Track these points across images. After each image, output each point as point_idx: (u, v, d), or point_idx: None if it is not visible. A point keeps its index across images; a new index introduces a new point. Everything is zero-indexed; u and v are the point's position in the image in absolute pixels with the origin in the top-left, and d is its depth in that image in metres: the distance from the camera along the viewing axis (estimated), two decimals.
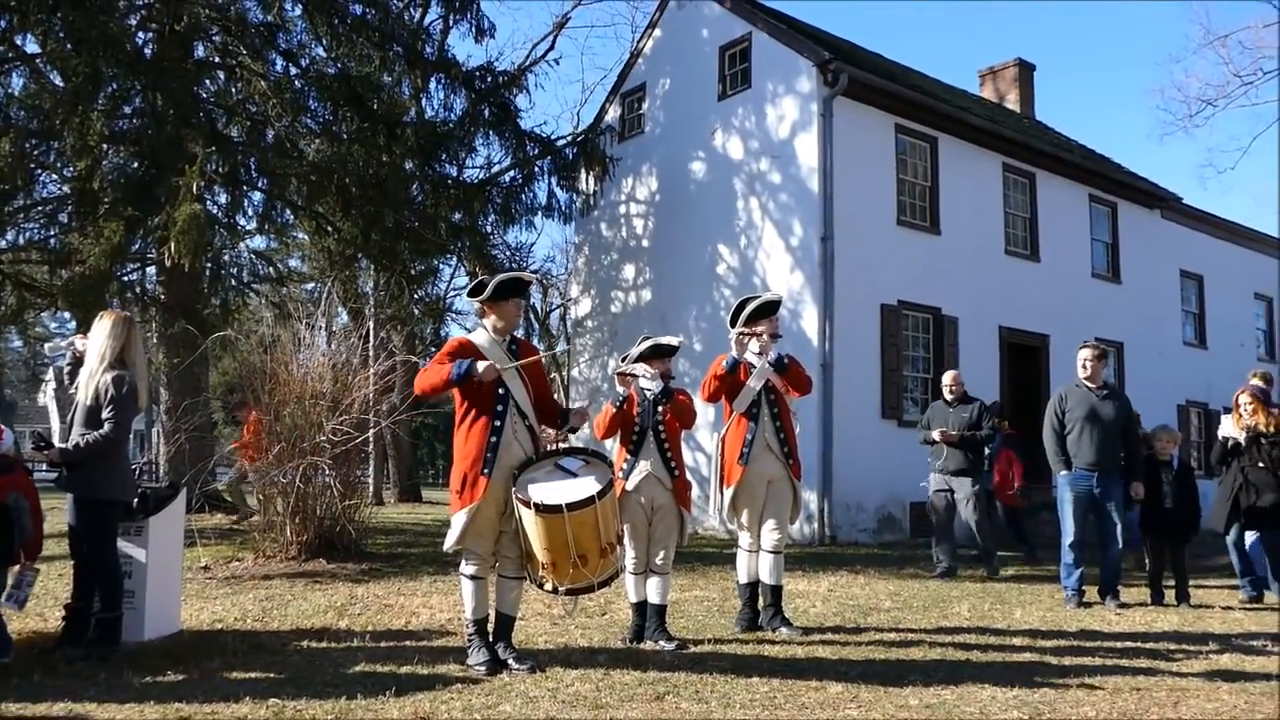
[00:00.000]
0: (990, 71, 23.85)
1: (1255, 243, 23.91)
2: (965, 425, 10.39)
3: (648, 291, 18.31)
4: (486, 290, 5.60)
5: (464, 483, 5.50)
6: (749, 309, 6.88)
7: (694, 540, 14.28)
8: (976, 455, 10.48)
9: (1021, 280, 17.64)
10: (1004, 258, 17.62)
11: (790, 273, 15.49)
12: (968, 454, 10.38)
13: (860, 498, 14.44)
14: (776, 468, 6.85)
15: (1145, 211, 20.60)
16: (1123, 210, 19.99)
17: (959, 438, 10.33)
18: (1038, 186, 18.31)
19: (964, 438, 10.35)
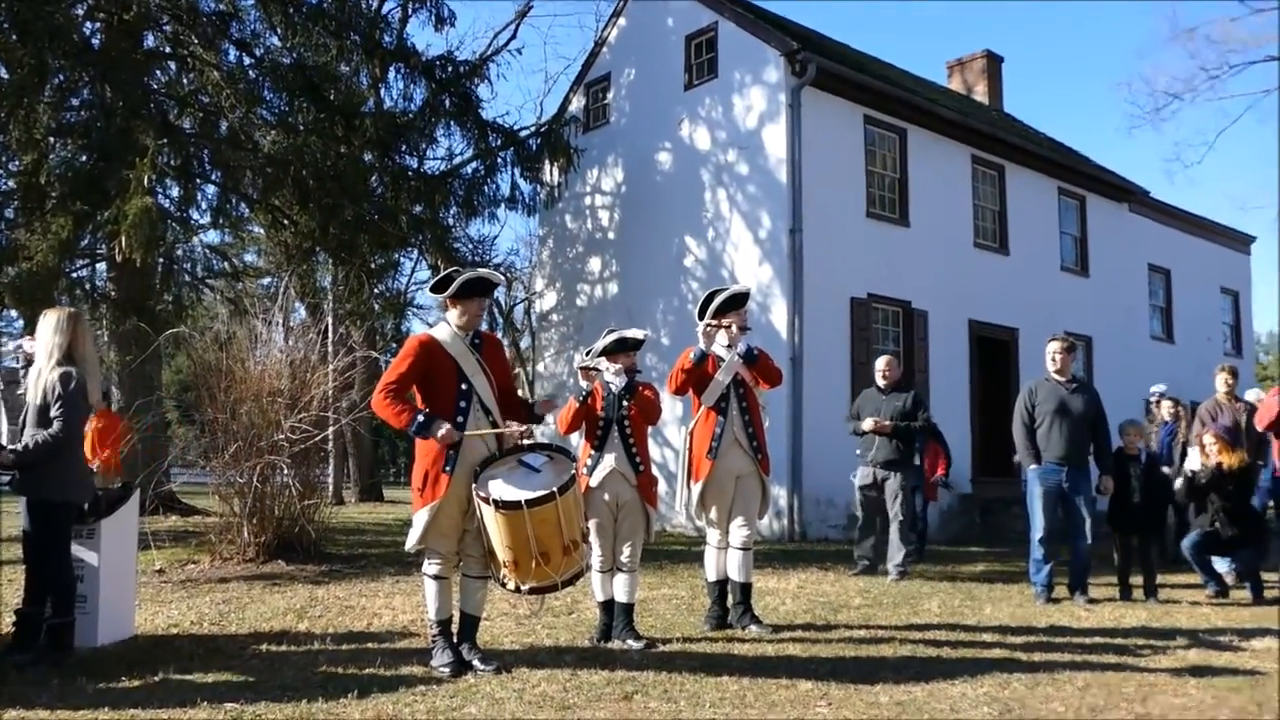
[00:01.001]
0: (959, 63, 24.03)
1: (1222, 237, 24.29)
2: (899, 414, 10.08)
3: (614, 285, 18.32)
4: (451, 288, 5.59)
5: (425, 480, 5.49)
6: (717, 301, 6.90)
7: (661, 537, 14.30)
8: (908, 447, 10.21)
9: (991, 273, 17.81)
10: (973, 251, 17.77)
11: (759, 265, 15.55)
12: (899, 445, 10.05)
13: (830, 494, 14.52)
14: (745, 463, 6.87)
15: (1114, 205, 20.85)
16: (1091, 203, 20.22)
17: (892, 428, 10.04)
18: (1007, 179, 18.48)
19: (897, 428, 10.01)
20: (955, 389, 16.95)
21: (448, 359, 5.59)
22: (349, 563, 10.38)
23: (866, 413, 10.25)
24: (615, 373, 6.39)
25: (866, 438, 10.20)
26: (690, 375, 6.86)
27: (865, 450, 10.22)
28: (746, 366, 6.92)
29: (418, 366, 5.53)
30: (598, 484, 6.35)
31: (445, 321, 5.75)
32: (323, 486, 11.69)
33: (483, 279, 5.66)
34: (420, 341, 5.64)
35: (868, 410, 10.27)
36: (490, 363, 5.71)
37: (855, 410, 10.49)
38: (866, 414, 10.23)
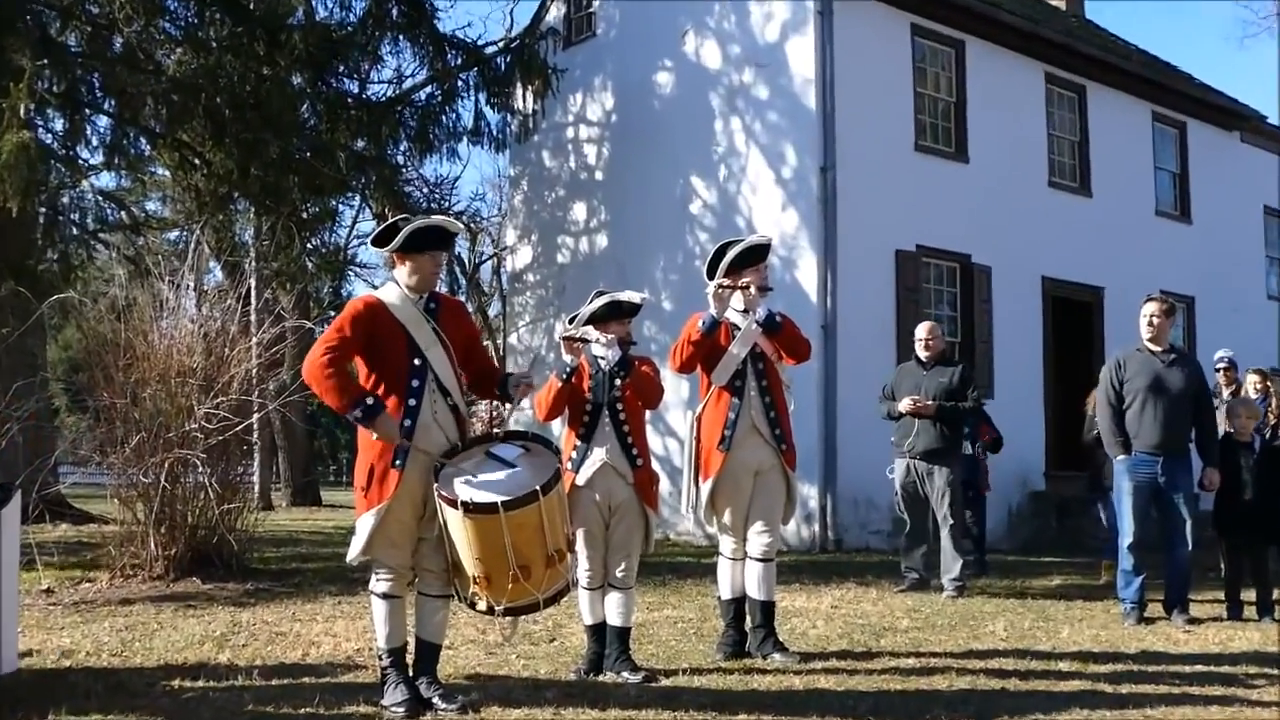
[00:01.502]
0: None
1: None
2: (943, 393, 10.11)
3: (602, 236, 18.31)
4: (395, 240, 5.60)
5: (371, 478, 5.51)
6: (730, 256, 6.89)
7: (663, 547, 14.35)
8: (955, 433, 10.26)
9: (1069, 220, 17.81)
10: (1047, 192, 17.77)
11: (782, 211, 15.53)
12: (944, 431, 10.14)
13: (871, 492, 14.56)
14: (766, 455, 6.90)
15: (1221, 134, 20.83)
16: (1193, 132, 20.21)
17: (935, 409, 10.11)
18: (1089, 102, 18.45)
19: (942, 409, 10.07)
20: (1025, 362, 16.99)
21: (396, 327, 5.59)
22: (280, 580, 10.40)
23: (904, 391, 10.28)
24: (606, 344, 6.40)
25: (904, 422, 10.24)
26: (698, 348, 6.86)
27: (903, 437, 10.27)
28: (767, 336, 6.93)
29: (359, 331, 5.54)
30: (586, 482, 6.37)
31: (394, 282, 5.75)
32: (246, 487, 11.72)
33: (436, 228, 5.66)
34: (365, 303, 5.64)
35: (906, 388, 10.30)
36: (450, 331, 5.72)
37: (890, 388, 10.53)
38: (904, 392, 10.26)
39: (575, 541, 6.17)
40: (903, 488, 10.33)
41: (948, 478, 10.09)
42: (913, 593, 10.05)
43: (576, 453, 6.42)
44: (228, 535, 10.26)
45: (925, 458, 10.14)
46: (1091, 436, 11.27)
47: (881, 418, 10.60)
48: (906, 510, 10.37)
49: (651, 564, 11.22)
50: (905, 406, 10.09)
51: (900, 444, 10.29)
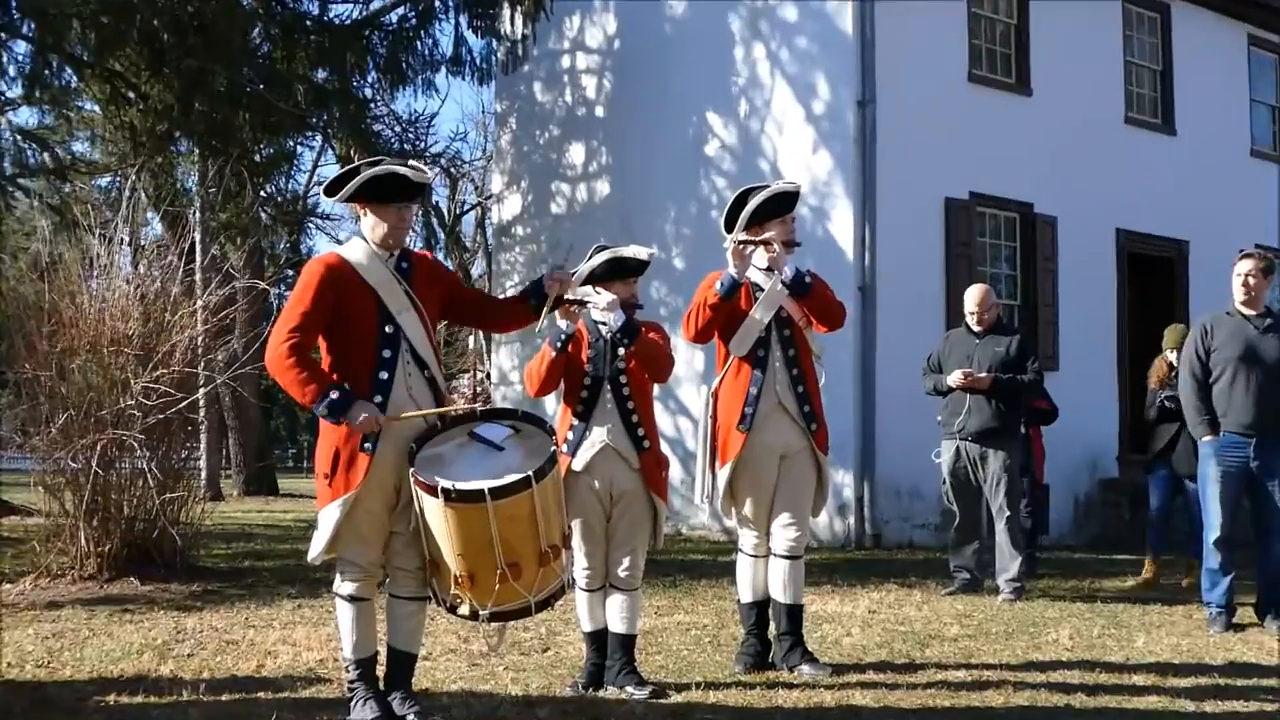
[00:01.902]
0: None
1: None
2: (999, 365, 10.11)
3: (603, 183, 18.28)
4: (346, 189, 5.59)
5: (336, 463, 5.54)
6: (752, 205, 6.89)
7: (674, 543, 14.39)
8: (1012, 411, 10.25)
9: (1150, 162, 17.75)
10: (1124, 130, 17.69)
11: (813, 153, 15.49)
12: (1000, 408, 10.14)
13: (915, 480, 14.58)
14: (793, 436, 6.92)
15: None
16: None
17: (991, 382, 10.08)
18: (1173, 23, 18.35)
19: (998, 383, 10.09)
20: (1095, 329, 16.96)
21: (364, 290, 5.61)
22: (230, 580, 10.45)
23: (953, 363, 10.29)
24: (608, 308, 6.41)
25: (953, 399, 10.26)
26: (715, 312, 6.86)
27: (951, 416, 10.29)
28: (794, 299, 6.93)
29: (324, 301, 5.54)
30: (584, 467, 6.39)
31: (360, 237, 5.76)
32: (191, 474, 11.73)
33: (398, 176, 5.64)
34: (325, 265, 5.65)
35: (955, 359, 10.31)
36: (424, 293, 5.74)
37: (936, 359, 10.54)
38: (953, 364, 10.27)
39: (572, 536, 6.20)
40: (952, 474, 10.35)
41: (1004, 462, 10.10)
42: (963, 595, 10.08)
43: (573, 433, 6.44)
44: (170, 529, 10.29)
45: (978, 439, 10.15)
46: (1156, 413, 11.30)
47: (927, 393, 10.61)
48: (956, 500, 10.40)
49: (660, 562, 11.25)
50: (955, 380, 10.09)
51: (949, 424, 10.31)
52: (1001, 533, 10.13)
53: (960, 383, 10.07)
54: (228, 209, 16.56)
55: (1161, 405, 11.17)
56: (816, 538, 13.81)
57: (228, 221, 16.76)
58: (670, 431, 15.40)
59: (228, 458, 28.09)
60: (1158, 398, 11.29)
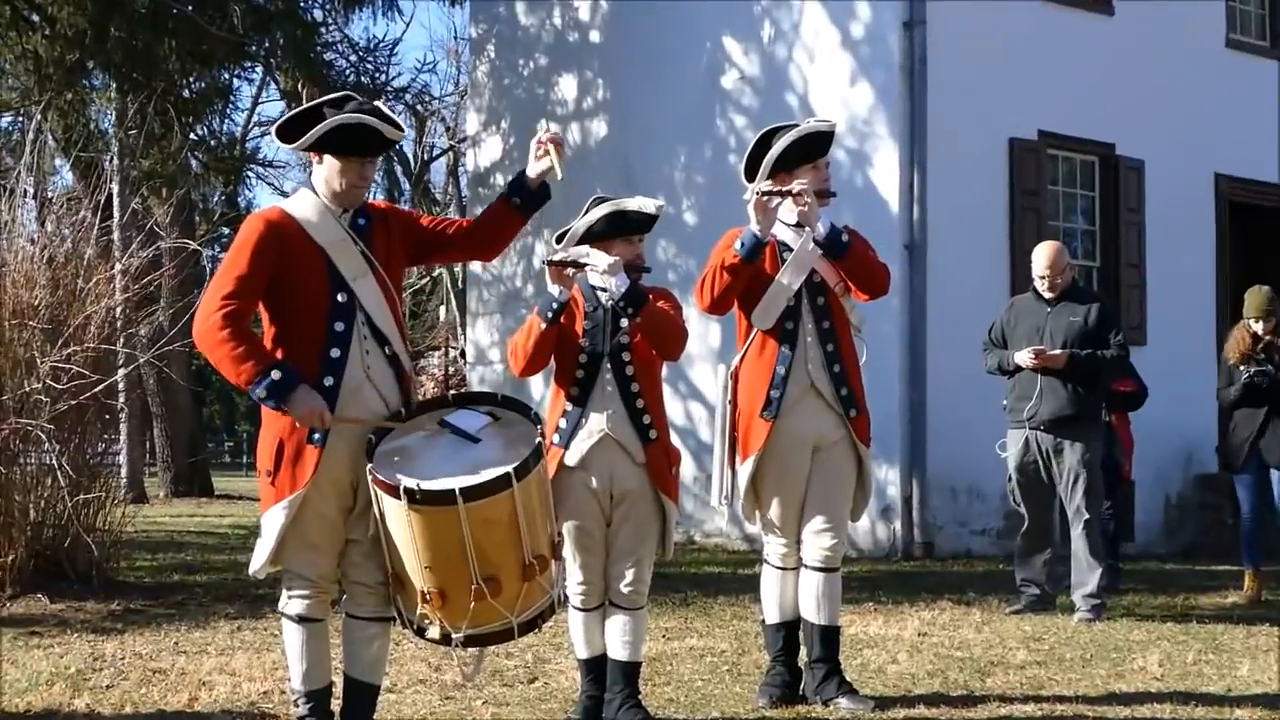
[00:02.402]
0: None
1: None
2: (1076, 338, 10.08)
3: (600, 122, 18.24)
4: (306, 137, 5.56)
5: (280, 458, 5.54)
6: (779, 148, 6.88)
7: (686, 552, 14.41)
8: (1093, 394, 10.23)
9: (1256, 94, 17.68)
10: (1225, 55, 17.60)
11: (850, 85, 15.44)
12: (1078, 392, 10.11)
13: (974, 477, 14.59)
14: (829, 424, 6.94)
15: None
16: None
17: (1066, 360, 10.06)
18: None
19: (1075, 361, 10.04)
20: (1191, 292, 16.90)
21: (312, 252, 5.61)
22: (157, 597, 10.46)
23: (1021, 336, 10.28)
24: (608, 271, 6.39)
25: (1021, 380, 10.23)
26: (735, 277, 6.86)
27: (1019, 401, 10.26)
28: (829, 260, 6.93)
29: (265, 263, 5.54)
30: (579, 462, 6.39)
31: (308, 189, 5.76)
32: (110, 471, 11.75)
33: (367, 126, 5.60)
34: (266, 221, 5.63)
35: (1023, 332, 10.30)
36: (386, 252, 5.76)
37: (999, 332, 10.52)
38: (1021, 338, 10.27)
39: (563, 544, 6.20)
40: (1019, 470, 10.33)
41: (1082, 456, 10.09)
42: (1031, 614, 10.08)
43: (566, 421, 6.45)
44: (85, 537, 10.29)
45: (1051, 428, 10.12)
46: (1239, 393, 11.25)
47: (988, 372, 10.61)
48: (1024, 501, 10.39)
49: (670, 575, 11.26)
50: (1025, 358, 10.06)
51: (1016, 410, 10.28)
52: (1078, 539, 10.11)
53: (1029, 361, 10.03)
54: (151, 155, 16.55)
55: (1248, 383, 11.11)
56: (856, 546, 13.82)
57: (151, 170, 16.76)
58: (681, 419, 15.40)
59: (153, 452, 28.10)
60: (1240, 375, 11.23)
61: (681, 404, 15.72)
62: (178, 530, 17.00)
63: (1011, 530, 11.92)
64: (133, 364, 11.48)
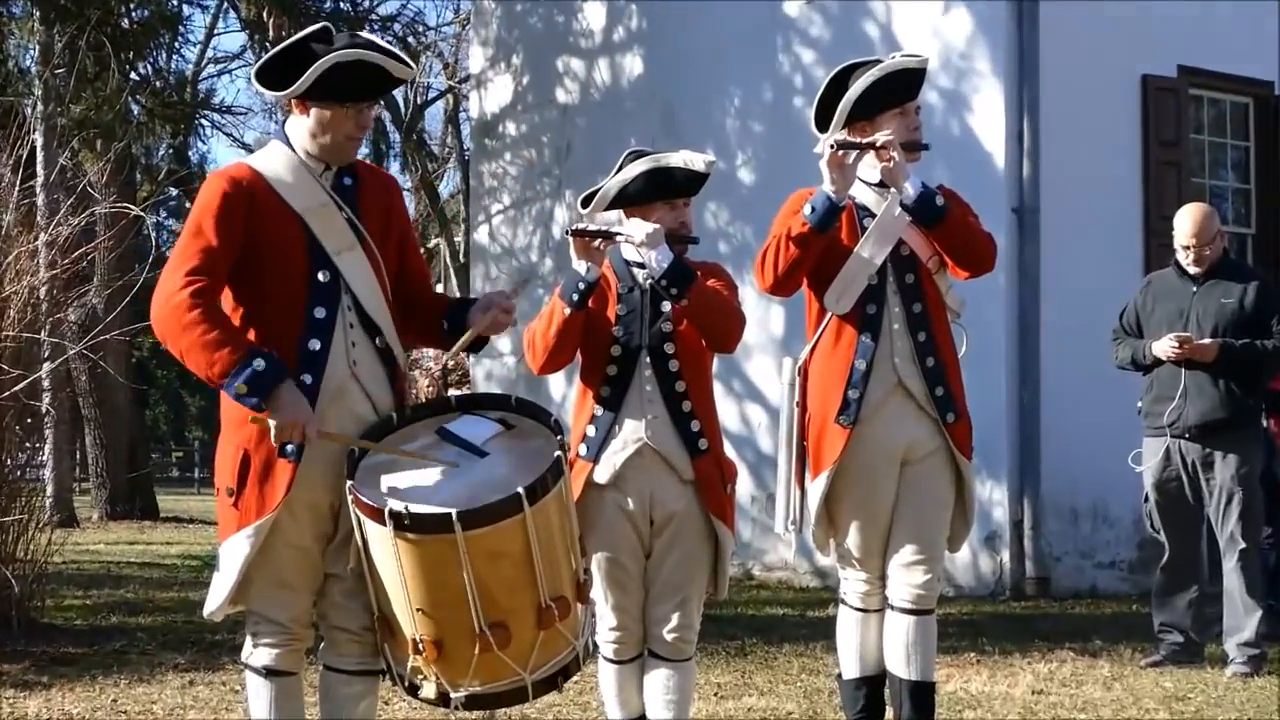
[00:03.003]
0: None
1: None
2: (1229, 324, 10.03)
3: (634, 58, 18.26)
4: (301, 81, 5.53)
5: (244, 474, 5.54)
6: (857, 89, 6.87)
7: (744, 590, 14.42)
8: (1251, 394, 10.20)
9: None
10: None
11: (944, 11, 15.43)
12: (1232, 390, 10.08)
13: (1101, 495, 14.56)
14: (921, 432, 6.94)
15: None
16: None
17: (1218, 351, 10.00)
18: None
19: (1229, 352, 10.00)
20: None
21: (287, 220, 5.62)
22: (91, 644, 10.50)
23: (1159, 322, 10.24)
24: (647, 242, 6.39)
25: (1161, 377, 10.19)
26: (805, 250, 6.84)
27: (1158, 403, 10.22)
28: (921, 229, 6.93)
29: (233, 231, 5.53)
30: (611, 479, 6.41)
31: (280, 141, 5.77)
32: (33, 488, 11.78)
33: (370, 66, 5.59)
34: (232, 181, 5.63)
35: (1162, 317, 10.26)
36: (378, 222, 5.77)
37: (1133, 317, 10.49)
38: (1159, 324, 10.23)
39: (592, 582, 6.22)
40: (1158, 488, 10.29)
41: (1237, 470, 10.03)
42: (1174, 667, 10.07)
43: (595, 428, 6.46)
44: (2, 569, 10.34)
45: (1199, 437, 10.06)
46: None
47: (1118, 367, 10.57)
48: (1164, 526, 10.36)
49: (724, 618, 11.28)
50: (1165, 349, 10.00)
51: (1154, 414, 10.25)
52: (1233, 574, 10.07)
53: (1172, 352, 9.98)
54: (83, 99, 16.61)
55: None
56: (954, 582, 13.83)
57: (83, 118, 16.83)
58: (737, 426, 15.42)
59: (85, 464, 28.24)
60: None
61: (737, 406, 15.75)
62: (115, 560, 17.07)
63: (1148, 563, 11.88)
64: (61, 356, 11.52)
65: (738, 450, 14.58)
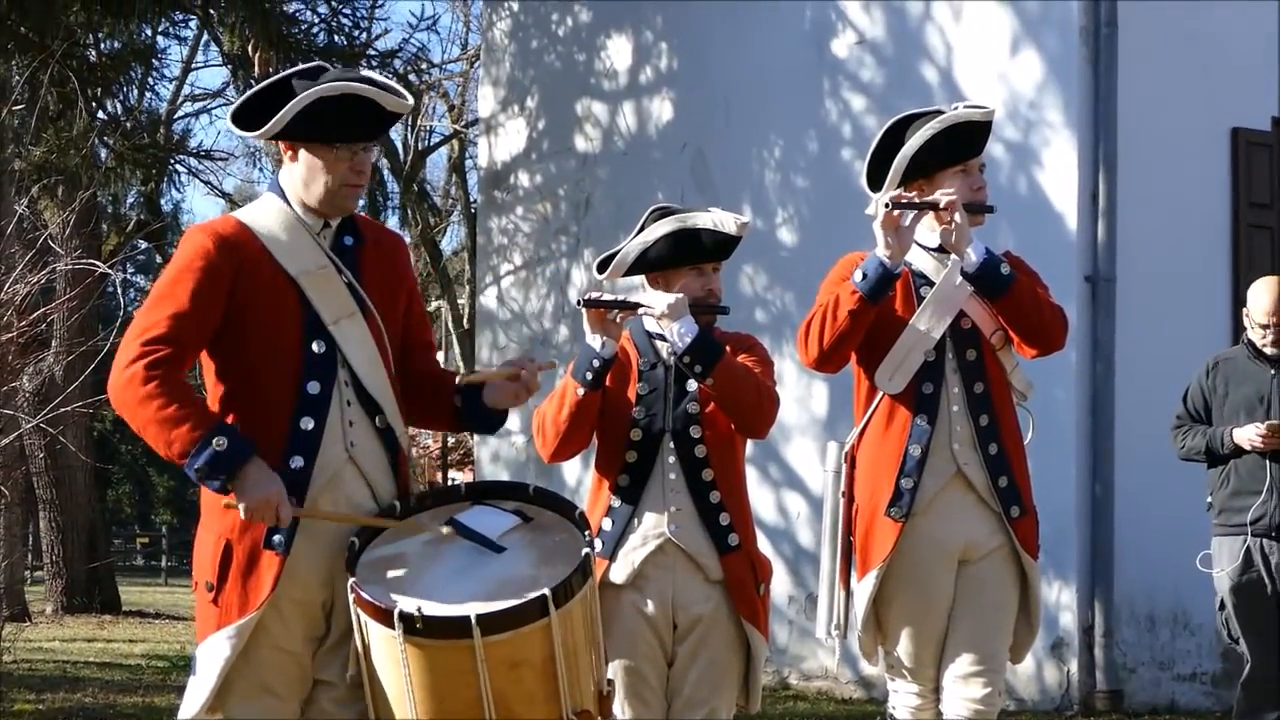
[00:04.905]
0: None
1: None
2: None
3: (663, 102, 18.31)
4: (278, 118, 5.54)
5: (225, 567, 5.53)
6: (915, 142, 6.90)
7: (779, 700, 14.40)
8: None
9: None
10: None
11: (1012, 55, 15.48)
12: None
13: (1181, 599, 14.53)
14: (982, 527, 6.94)
15: None
16: None
17: None
18: None
19: None
20: None
21: (279, 283, 5.61)
22: None
23: (1235, 407, 10.23)
24: (670, 314, 6.40)
25: (1241, 469, 10.17)
26: (855, 321, 6.82)
27: (1238, 497, 10.19)
28: (984, 300, 6.93)
29: (213, 297, 5.52)
30: (630, 578, 6.42)
31: (277, 196, 5.77)
32: None
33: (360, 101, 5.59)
34: (217, 238, 5.60)
35: (1238, 402, 10.25)
36: (382, 288, 5.78)
37: (1198, 401, 10.47)
38: (1235, 409, 10.22)
39: (614, 694, 6.21)
40: (1237, 592, 10.27)
41: None
42: None
43: (612, 521, 6.48)
44: None
45: None
46: None
47: (1181, 458, 10.56)
48: (1245, 634, 10.31)
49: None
50: (1250, 437, 10.01)
51: (1232, 510, 10.21)
52: None
53: (1257, 441, 10.00)
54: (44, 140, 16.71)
55: None
56: (1016, 694, 13.79)
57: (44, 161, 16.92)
58: (774, 518, 15.42)
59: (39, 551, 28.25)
60: None
61: (774, 496, 15.74)
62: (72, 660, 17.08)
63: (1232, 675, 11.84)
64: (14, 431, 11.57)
65: (774, 545, 14.59)
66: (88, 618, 25.22)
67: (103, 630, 22.87)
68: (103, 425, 24.58)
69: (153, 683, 14.45)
